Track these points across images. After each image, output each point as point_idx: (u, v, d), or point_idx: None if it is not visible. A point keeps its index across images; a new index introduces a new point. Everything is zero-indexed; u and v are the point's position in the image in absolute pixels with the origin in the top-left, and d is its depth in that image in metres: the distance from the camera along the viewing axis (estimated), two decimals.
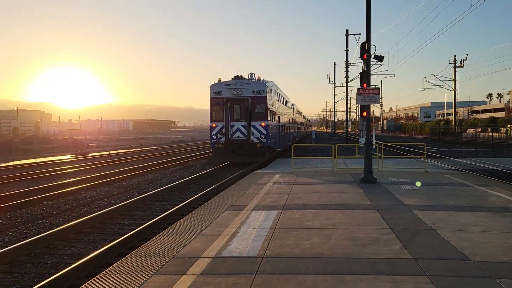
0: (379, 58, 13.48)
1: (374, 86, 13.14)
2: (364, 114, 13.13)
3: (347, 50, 43.16)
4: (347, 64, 44.75)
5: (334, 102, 74.24)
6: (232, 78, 21.17)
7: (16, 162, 28.02)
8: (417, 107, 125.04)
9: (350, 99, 69.16)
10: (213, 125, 21.14)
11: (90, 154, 35.21)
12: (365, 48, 12.82)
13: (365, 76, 13.11)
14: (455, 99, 59.37)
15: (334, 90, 65.97)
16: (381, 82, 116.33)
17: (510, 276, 4.67)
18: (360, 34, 40.31)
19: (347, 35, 42.24)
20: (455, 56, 58.75)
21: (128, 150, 41.58)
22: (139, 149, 44.46)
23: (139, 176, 18.85)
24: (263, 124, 20.77)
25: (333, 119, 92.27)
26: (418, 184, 11.87)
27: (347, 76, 45.82)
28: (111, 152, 39.15)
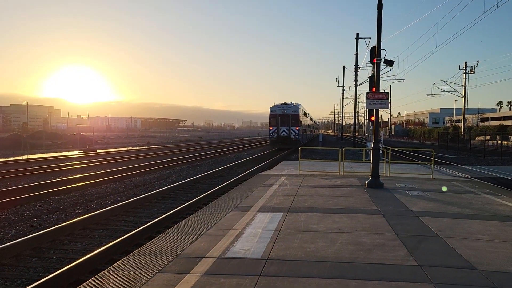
0: (389, 63, 13.42)
1: (383, 91, 13.08)
2: (372, 118, 13.08)
3: (356, 54, 43.06)
4: (357, 67, 44.63)
5: (342, 106, 73.94)
6: (281, 104, 37.82)
7: (25, 157, 28.28)
8: (426, 113, 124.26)
9: (359, 103, 68.78)
10: (270, 127, 37.98)
11: (97, 151, 35.43)
12: (375, 52, 12.76)
13: (374, 80, 13.06)
14: (464, 106, 58.93)
15: (343, 93, 65.69)
16: (390, 86, 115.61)
17: None
18: (370, 38, 40.15)
19: (357, 38, 42.13)
20: (465, 62, 58.33)
21: (135, 148, 41.79)
22: (146, 147, 44.66)
23: (145, 174, 18.94)
24: (296, 128, 37.20)
25: (340, 123, 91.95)
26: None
27: (356, 80, 45.69)
28: (118, 149, 39.36)
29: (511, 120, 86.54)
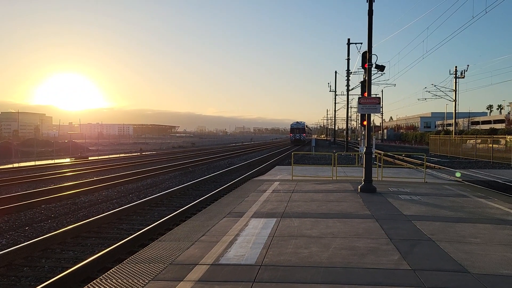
0: (380, 68, 13.52)
1: (375, 96, 13.17)
2: (365, 123, 13.15)
3: (348, 59, 43.32)
4: (348, 73, 44.90)
5: (335, 110, 74.54)
6: (296, 122, 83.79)
7: (16, 165, 27.99)
8: (417, 117, 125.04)
9: (351, 107, 69.36)
10: (291, 134, 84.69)
11: (89, 158, 35.19)
12: (366, 58, 12.86)
13: (366, 85, 13.14)
14: (455, 110, 59.40)
15: (335, 98, 66.16)
16: (382, 91, 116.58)
17: None
18: (361, 43, 40.46)
19: (348, 44, 42.42)
20: (456, 67, 58.81)
21: (127, 155, 41.56)
22: (138, 153, 44.43)
23: (138, 181, 18.84)
24: (304, 134, 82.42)
25: (333, 127, 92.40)
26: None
27: (348, 85, 45.95)
28: (110, 156, 39.12)
29: (501, 123, 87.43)
